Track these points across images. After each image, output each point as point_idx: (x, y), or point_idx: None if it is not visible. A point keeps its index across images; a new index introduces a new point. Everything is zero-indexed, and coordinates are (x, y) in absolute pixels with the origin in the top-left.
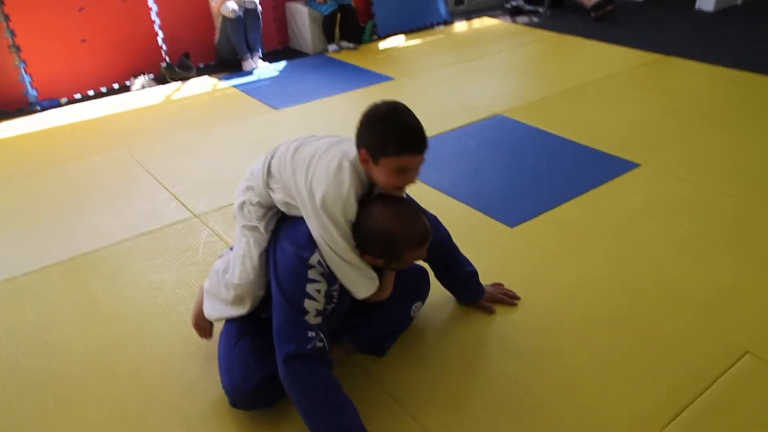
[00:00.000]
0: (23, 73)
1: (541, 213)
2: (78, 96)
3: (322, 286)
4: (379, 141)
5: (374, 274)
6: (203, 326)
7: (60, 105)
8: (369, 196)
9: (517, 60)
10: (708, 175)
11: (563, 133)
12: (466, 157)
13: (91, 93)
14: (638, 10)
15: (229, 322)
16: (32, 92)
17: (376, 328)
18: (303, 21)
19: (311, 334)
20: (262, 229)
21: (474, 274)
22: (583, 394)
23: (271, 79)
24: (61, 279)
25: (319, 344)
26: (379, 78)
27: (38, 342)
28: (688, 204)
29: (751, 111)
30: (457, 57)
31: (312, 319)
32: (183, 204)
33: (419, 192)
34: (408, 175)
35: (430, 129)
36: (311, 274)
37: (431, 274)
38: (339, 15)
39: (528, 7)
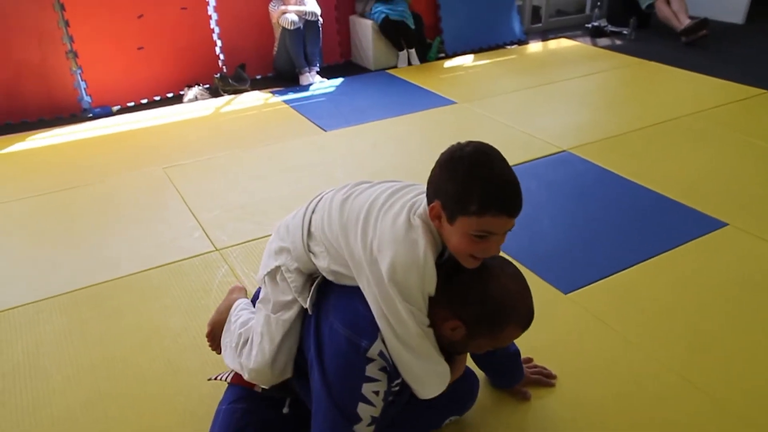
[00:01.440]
0: (79, 79)
1: (603, 278)
2: (131, 104)
3: (382, 386)
4: (461, 194)
5: (446, 368)
6: (217, 341)
7: (112, 113)
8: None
9: (594, 88)
10: None
11: (638, 179)
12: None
13: (144, 101)
14: (737, 34)
15: (234, 402)
16: (86, 99)
17: (397, 430)
18: (366, 34)
19: None
20: (303, 303)
21: (517, 354)
22: None
23: (326, 95)
24: (59, 314)
25: None
26: (440, 101)
27: (18, 387)
28: None
29: None
30: (528, 81)
31: (364, 429)
32: (207, 235)
33: None
34: (489, 242)
35: None
36: (369, 370)
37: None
38: (397, 24)
39: (611, 28)
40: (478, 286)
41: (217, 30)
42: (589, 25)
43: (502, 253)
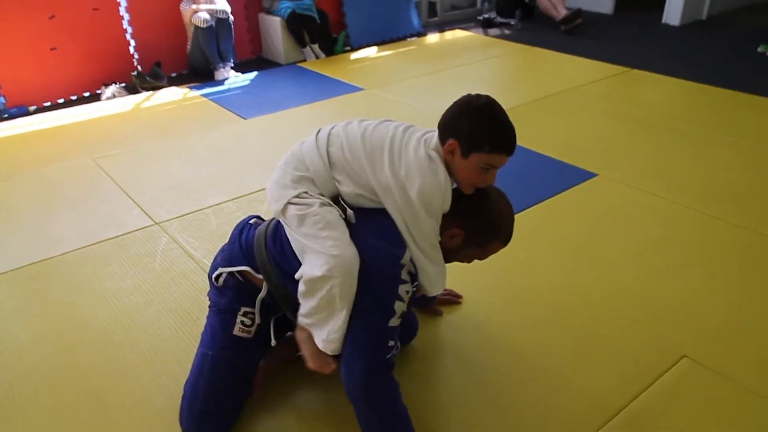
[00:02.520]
0: None
1: None
2: (47, 104)
3: (409, 287)
4: (479, 136)
5: (446, 271)
6: (326, 361)
7: (29, 113)
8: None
9: (486, 71)
10: (664, 185)
11: (525, 143)
12: None
13: (60, 101)
14: (607, 23)
15: (221, 344)
16: (1, 99)
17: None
18: (276, 30)
19: (391, 342)
20: (342, 213)
21: None
22: (524, 389)
23: (242, 88)
24: (15, 285)
25: (396, 352)
26: (349, 88)
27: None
28: (641, 214)
29: (713, 124)
30: (428, 68)
31: (395, 322)
32: (145, 212)
33: None
34: (491, 174)
35: None
36: (403, 274)
37: None
38: (303, 20)
39: (500, 20)
40: (482, 205)
41: (130, 30)
42: (480, 18)
43: None
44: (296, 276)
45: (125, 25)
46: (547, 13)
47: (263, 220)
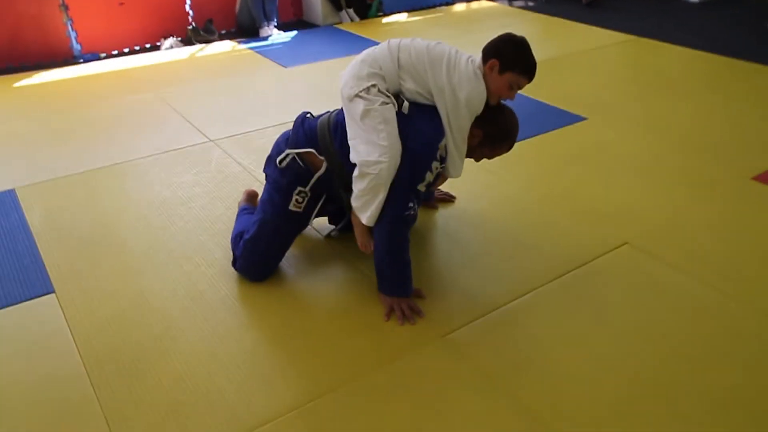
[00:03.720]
0: (70, 29)
1: None
2: (115, 52)
3: (438, 165)
4: (515, 59)
5: (464, 163)
6: (369, 242)
7: (99, 59)
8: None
9: None
10: (642, 130)
11: (529, 94)
12: None
13: (126, 50)
14: None
15: (278, 219)
16: (77, 46)
17: None
18: None
19: (411, 204)
20: (396, 106)
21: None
22: (495, 262)
23: (283, 44)
24: (106, 178)
25: (414, 212)
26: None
27: (87, 214)
28: (617, 149)
29: (703, 84)
30: (450, 32)
31: (422, 187)
32: (200, 131)
33: None
34: (514, 92)
35: None
36: (438, 153)
37: None
38: None
39: None
40: (499, 116)
41: None
42: None
43: None
44: (351, 158)
45: None
46: None
47: (314, 116)
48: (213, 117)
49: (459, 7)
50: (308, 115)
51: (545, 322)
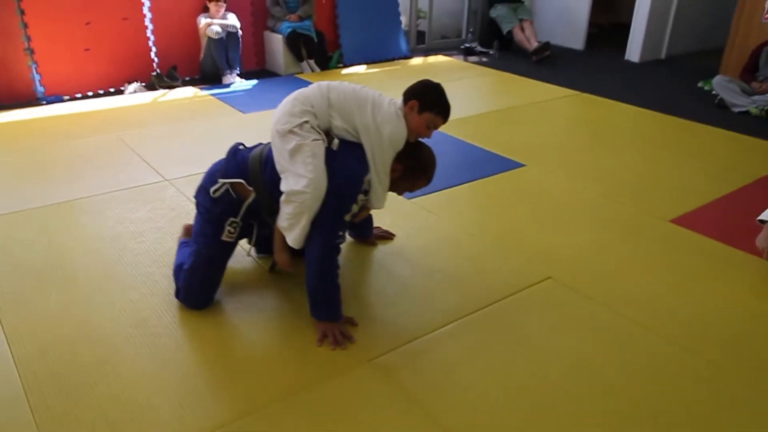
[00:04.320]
0: (34, 72)
1: (435, 191)
2: (79, 95)
3: (363, 197)
4: (432, 101)
5: (387, 196)
6: (288, 260)
7: (63, 101)
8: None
9: (458, 88)
10: (578, 175)
11: (473, 141)
12: None
13: (90, 94)
14: (576, 57)
15: (214, 249)
16: (40, 89)
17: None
18: (277, 46)
19: (341, 232)
20: (326, 143)
21: (370, 217)
22: (428, 292)
23: (244, 91)
24: (60, 213)
25: (342, 240)
26: None
27: (39, 248)
28: (548, 191)
29: (643, 138)
30: (407, 83)
31: (348, 218)
32: (157, 171)
33: None
34: (430, 132)
35: None
36: (363, 187)
37: None
38: (302, 38)
39: (480, 49)
40: (418, 153)
41: (152, 37)
42: (462, 46)
43: None
44: (281, 188)
45: (149, 33)
46: (521, 46)
47: (246, 147)
48: (170, 158)
49: (416, 61)
50: (240, 147)
51: (466, 349)
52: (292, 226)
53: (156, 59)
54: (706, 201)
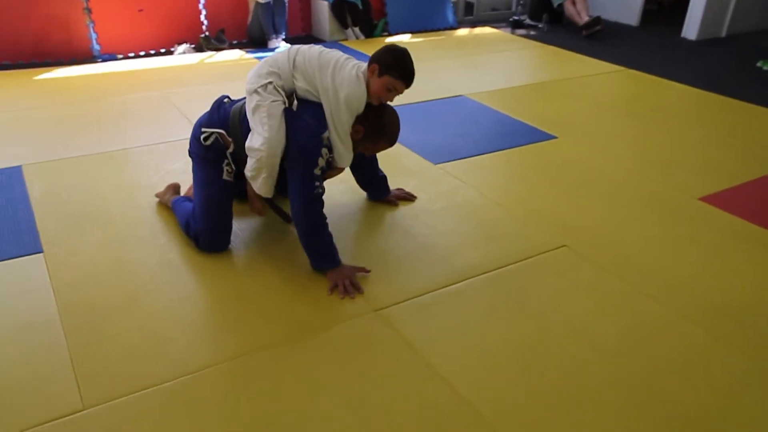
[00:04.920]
0: (92, 31)
1: (462, 158)
2: (131, 55)
3: (327, 153)
4: (392, 64)
5: (351, 155)
6: (259, 208)
7: (116, 59)
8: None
9: (499, 60)
10: (609, 150)
11: (508, 112)
12: (423, 121)
13: (142, 53)
14: (629, 33)
15: (218, 186)
16: (96, 47)
17: None
18: (323, 12)
19: (317, 183)
20: (287, 103)
21: (384, 178)
22: (441, 252)
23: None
24: (104, 162)
25: (321, 190)
26: None
27: (82, 191)
28: (576, 163)
29: (688, 116)
30: (449, 53)
31: (318, 171)
32: None
33: None
34: (392, 95)
35: (404, 99)
36: (323, 142)
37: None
38: (347, 5)
39: (528, 22)
40: (380, 116)
41: (203, 0)
42: (511, 19)
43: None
44: (246, 147)
45: None
46: (572, 20)
47: (232, 100)
48: None
49: (462, 32)
50: (225, 100)
51: (472, 306)
52: (254, 177)
53: (205, 22)
54: (740, 181)
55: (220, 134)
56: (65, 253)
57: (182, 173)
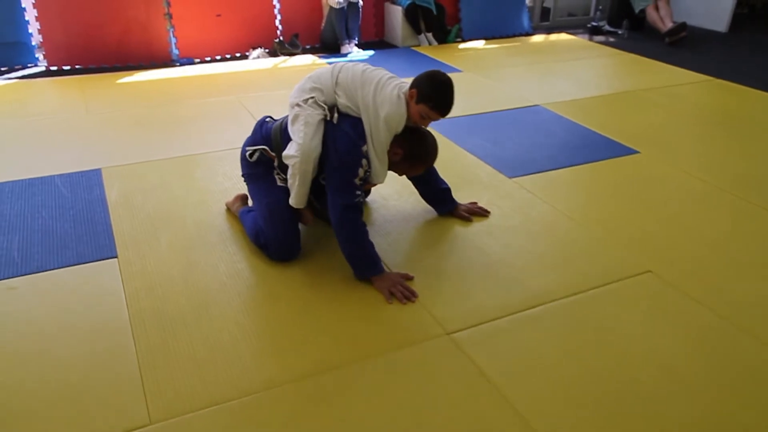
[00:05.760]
0: (171, 35)
1: (538, 172)
2: (208, 59)
3: (366, 166)
4: (430, 94)
5: (386, 173)
6: (307, 214)
7: (194, 63)
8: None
9: (576, 67)
10: (693, 166)
11: (586, 124)
12: (497, 131)
13: (218, 57)
14: (717, 40)
15: (276, 194)
16: (175, 51)
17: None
18: (396, 17)
19: (357, 192)
20: (329, 115)
21: (448, 190)
22: (515, 274)
23: (361, 60)
24: (179, 166)
25: (361, 200)
26: (449, 69)
27: (156, 195)
28: (660, 180)
29: None
30: (524, 61)
31: (357, 182)
32: None
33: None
34: (427, 122)
35: (477, 108)
36: (362, 156)
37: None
38: (421, 10)
39: (608, 28)
40: (421, 140)
41: (278, 6)
42: (589, 25)
43: (471, 155)
44: (283, 156)
45: (275, 1)
46: (655, 26)
47: (273, 119)
48: None
49: (537, 39)
50: (267, 119)
51: (549, 335)
52: (291, 186)
53: (280, 27)
54: None
55: (263, 150)
56: (138, 258)
57: None
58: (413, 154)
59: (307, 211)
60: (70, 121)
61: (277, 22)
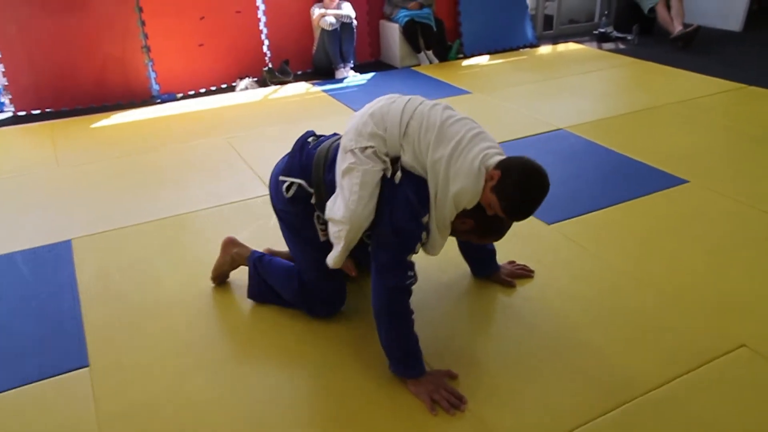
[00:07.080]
0: (150, 70)
1: (580, 215)
2: (191, 92)
3: (424, 236)
4: (508, 193)
5: (443, 245)
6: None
7: (176, 99)
8: None
9: (593, 81)
10: (754, 195)
11: (619, 149)
12: None
13: (202, 90)
14: (733, 41)
15: (316, 249)
16: (155, 87)
17: None
18: (393, 36)
19: (410, 273)
20: (389, 173)
21: (494, 252)
22: (582, 361)
23: (358, 86)
24: (161, 230)
25: (414, 280)
26: (457, 91)
27: (136, 273)
28: (722, 215)
29: None
30: (535, 77)
31: (412, 257)
32: (264, 182)
33: None
34: (491, 211)
35: (496, 136)
36: (423, 226)
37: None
38: (420, 27)
39: (616, 34)
40: (495, 218)
41: (265, 31)
42: (596, 32)
43: None
44: (326, 210)
45: (261, 26)
46: (665, 27)
47: (318, 138)
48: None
49: (544, 50)
50: (310, 139)
51: None
52: (335, 245)
53: (268, 53)
54: None
55: (300, 185)
56: (114, 366)
57: (250, 242)
58: (487, 229)
59: (349, 262)
60: (37, 178)
61: (265, 48)
